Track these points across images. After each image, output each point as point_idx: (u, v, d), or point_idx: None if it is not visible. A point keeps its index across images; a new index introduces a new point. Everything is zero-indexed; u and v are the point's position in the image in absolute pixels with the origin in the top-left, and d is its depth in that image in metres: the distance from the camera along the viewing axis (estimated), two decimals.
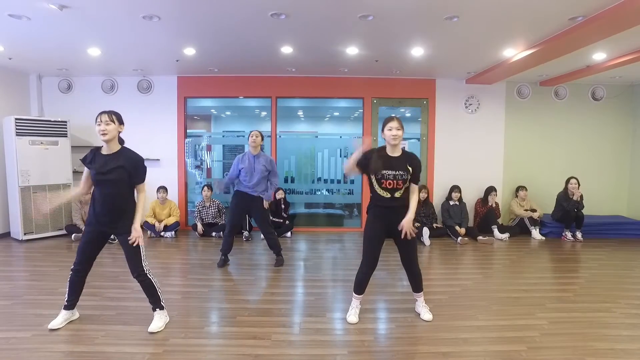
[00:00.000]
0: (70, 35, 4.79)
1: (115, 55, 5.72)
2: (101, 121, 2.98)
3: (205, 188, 6.95)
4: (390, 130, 3.16)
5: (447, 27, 4.45)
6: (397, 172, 3.16)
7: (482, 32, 4.66)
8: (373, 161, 3.15)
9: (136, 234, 2.98)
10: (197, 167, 8.60)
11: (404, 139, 7.58)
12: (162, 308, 3.14)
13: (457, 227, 6.70)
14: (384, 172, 3.15)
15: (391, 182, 3.16)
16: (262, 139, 5.01)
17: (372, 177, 3.21)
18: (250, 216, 5.39)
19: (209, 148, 9.43)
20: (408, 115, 10.61)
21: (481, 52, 5.43)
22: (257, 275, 4.65)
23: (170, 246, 6.14)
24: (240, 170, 4.91)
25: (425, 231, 6.36)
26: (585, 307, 3.64)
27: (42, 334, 3.02)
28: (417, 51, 5.36)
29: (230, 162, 9.44)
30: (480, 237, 6.48)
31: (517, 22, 4.32)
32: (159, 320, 3.11)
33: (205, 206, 6.94)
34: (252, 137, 4.94)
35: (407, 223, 3.18)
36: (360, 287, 3.41)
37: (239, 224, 5.23)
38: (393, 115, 3.26)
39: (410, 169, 3.19)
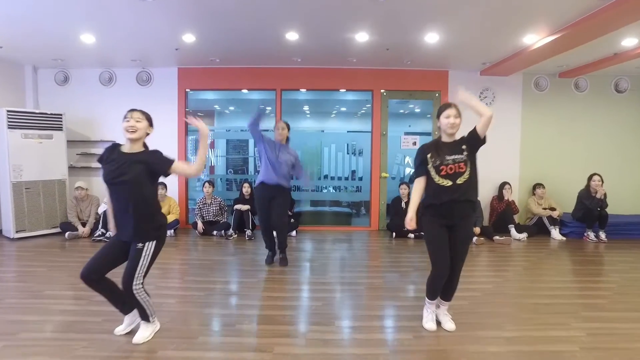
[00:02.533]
0: (61, 19, 4.48)
1: (110, 44, 5.41)
2: (132, 117, 2.69)
3: (207, 184, 6.63)
4: (447, 117, 2.85)
5: (464, 10, 4.09)
6: (457, 156, 2.83)
7: (501, 16, 4.31)
8: (432, 150, 2.88)
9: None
10: None
11: (415, 134, 7.23)
12: (149, 321, 2.79)
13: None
14: (445, 157, 2.83)
15: (452, 167, 2.81)
16: (289, 131, 4.74)
17: (430, 166, 2.86)
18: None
19: (212, 144, 9.14)
20: (417, 110, 10.29)
21: (499, 39, 5.06)
22: (259, 277, 4.31)
23: (169, 245, 5.80)
24: (261, 155, 4.60)
25: None
26: (625, 317, 3.26)
27: (15, 344, 2.69)
28: (432, 37, 5.00)
29: (234, 158, 9.20)
30: (496, 237, 6.10)
31: (540, 3, 3.96)
32: (145, 330, 2.77)
33: (206, 203, 6.61)
34: (278, 129, 4.65)
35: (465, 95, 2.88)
36: (434, 293, 3.04)
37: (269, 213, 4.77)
38: (450, 102, 2.94)
39: (466, 147, 2.85)
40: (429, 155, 2.89)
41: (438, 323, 3.06)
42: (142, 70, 6.84)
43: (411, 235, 6.32)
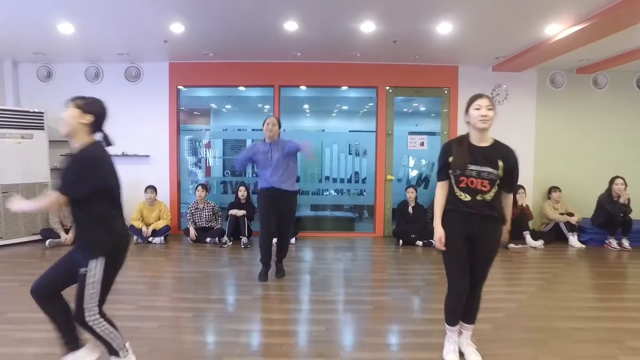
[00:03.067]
0: (34, 5, 4.03)
1: (92, 34, 4.96)
2: (67, 110, 2.23)
3: (200, 188, 6.18)
4: (478, 109, 2.38)
5: None
6: (483, 169, 2.37)
7: (523, 3, 3.87)
8: (455, 153, 2.43)
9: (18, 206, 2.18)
10: (196, 164, 7.86)
11: (422, 134, 6.79)
12: (119, 356, 2.31)
13: None
14: (468, 167, 2.38)
15: (474, 180, 2.37)
16: (280, 127, 4.32)
17: (451, 172, 2.44)
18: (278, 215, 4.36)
19: (208, 144, 8.68)
20: (422, 109, 9.84)
21: (518, 29, 4.62)
22: (254, 294, 3.87)
23: (158, 254, 5.38)
24: (255, 162, 4.26)
25: None
26: None
27: None
28: (444, 28, 4.56)
29: (231, 159, 8.75)
30: (511, 245, 5.65)
31: None
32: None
33: (198, 208, 6.17)
34: (267, 124, 4.19)
35: (503, 237, 2.50)
36: (453, 317, 2.59)
37: (273, 226, 4.29)
38: (482, 93, 2.50)
39: (502, 166, 2.38)
40: (451, 159, 2.45)
41: (461, 354, 2.62)
42: (130, 65, 6.39)
43: (419, 243, 5.88)
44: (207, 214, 6.17)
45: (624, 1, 3.70)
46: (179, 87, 6.51)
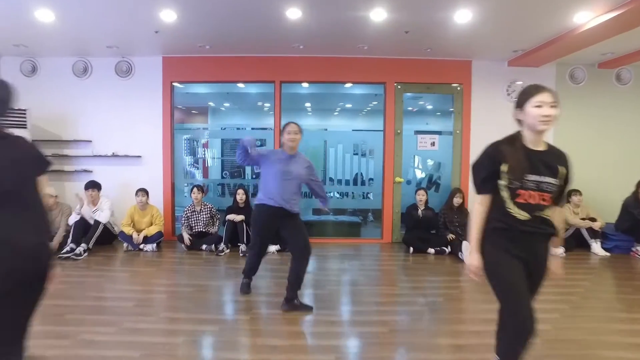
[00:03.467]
0: None
1: (75, 23, 4.53)
2: None
3: (195, 190, 5.76)
4: (539, 107, 1.92)
5: None
6: (544, 179, 1.95)
7: None
8: (511, 158, 1.95)
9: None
10: (192, 165, 7.45)
11: (433, 133, 6.37)
12: None
13: None
14: (525, 176, 1.93)
15: (533, 194, 1.94)
16: (301, 135, 3.59)
17: (504, 184, 1.97)
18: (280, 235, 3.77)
19: (205, 145, 8.24)
20: (429, 107, 9.43)
21: (543, 18, 4.20)
22: (252, 313, 3.45)
23: (149, 263, 4.96)
24: (268, 171, 3.53)
25: (465, 245, 5.12)
26: None
27: None
28: (463, 16, 4.14)
29: (230, 160, 8.34)
30: None
31: None
32: None
33: (195, 211, 5.75)
34: (288, 133, 3.45)
35: (556, 266, 2.08)
36: (514, 356, 2.02)
37: (268, 244, 3.90)
38: (541, 84, 2.00)
39: (563, 174, 2.00)
40: (504, 168, 1.97)
41: None
42: (121, 59, 5.96)
43: (431, 251, 5.46)
44: (204, 217, 5.75)
45: None
46: (173, 82, 6.08)
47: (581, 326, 3.21)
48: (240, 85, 6.89)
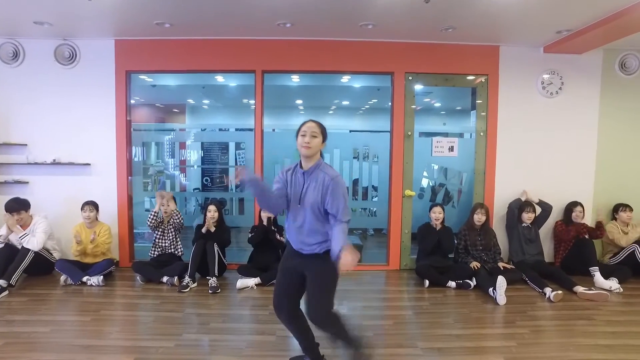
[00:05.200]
0: None
1: None
2: None
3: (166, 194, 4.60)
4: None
5: None
6: None
7: None
8: None
9: None
10: (159, 172, 6.27)
11: (451, 135, 5.22)
12: None
13: None
14: None
15: None
16: (325, 139, 2.41)
17: None
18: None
19: (182, 146, 6.96)
20: (437, 104, 8.35)
21: None
22: None
23: (88, 308, 3.73)
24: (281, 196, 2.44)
25: (502, 282, 3.97)
26: None
27: None
28: None
29: (210, 169, 7.10)
30: (581, 289, 4.10)
31: None
32: None
33: (162, 222, 4.60)
34: (302, 135, 2.36)
35: None
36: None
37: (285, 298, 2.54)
38: None
39: None
40: None
41: None
42: (62, 43, 4.75)
43: (452, 284, 4.33)
44: (170, 235, 4.60)
45: None
46: (129, 71, 4.88)
47: None
48: (219, 78, 5.71)
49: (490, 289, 4.03)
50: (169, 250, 4.62)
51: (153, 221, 4.52)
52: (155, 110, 8.75)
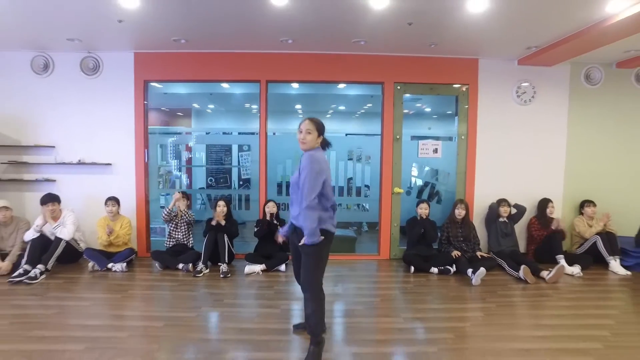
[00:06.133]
0: None
1: (28, 11, 3.87)
2: None
3: (178, 195, 5.14)
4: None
5: None
6: None
7: None
8: None
9: None
10: (173, 172, 6.82)
11: (435, 139, 5.80)
12: None
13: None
14: None
15: None
16: (321, 134, 2.87)
17: None
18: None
19: (187, 149, 7.58)
20: (428, 110, 8.90)
21: (567, 7, 3.64)
22: (232, 356, 2.83)
23: (116, 289, 4.28)
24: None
25: (482, 271, 4.54)
26: None
27: None
28: (477, 4, 3.56)
29: (216, 169, 7.68)
30: (546, 274, 4.67)
31: None
32: None
33: (176, 215, 5.15)
34: (299, 132, 2.86)
35: None
36: None
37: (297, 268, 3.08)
38: None
39: None
40: None
41: None
42: (87, 55, 5.31)
43: (434, 270, 4.89)
44: (183, 225, 5.16)
45: None
46: (146, 81, 5.44)
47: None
48: (225, 85, 6.28)
49: (469, 270, 4.60)
50: (182, 242, 5.17)
51: (166, 216, 5.07)
52: (162, 114, 9.31)
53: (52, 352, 2.90)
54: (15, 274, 4.39)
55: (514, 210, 5.37)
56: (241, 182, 6.96)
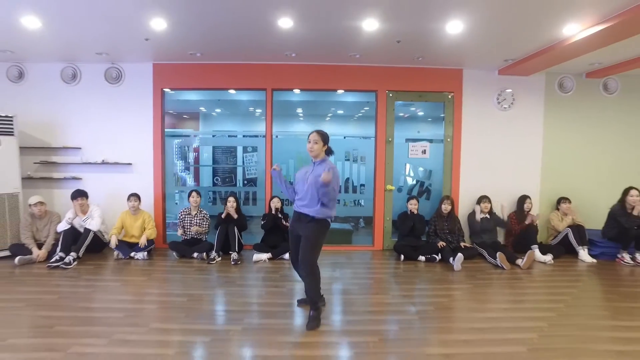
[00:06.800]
0: None
1: (63, 30, 4.49)
2: None
3: (194, 194, 5.79)
4: None
5: None
6: None
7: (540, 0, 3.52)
8: None
9: None
10: (182, 172, 7.43)
11: (424, 141, 6.41)
12: None
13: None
14: None
15: None
16: (326, 143, 3.52)
17: None
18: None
19: (196, 150, 8.21)
20: (421, 114, 9.50)
21: (532, 29, 4.26)
22: (244, 323, 3.43)
23: (140, 272, 4.89)
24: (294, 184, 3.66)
25: (460, 257, 5.14)
26: None
27: None
28: (454, 27, 4.18)
29: (221, 167, 8.30)
30: (519, 261, 5.27)
31: None
32: None
33: (190, 214, 5.75)
34: (308, 141, 3.53)
35: None
36: None
37: (293, 252, 3.66)
38: None
39: None
40: None
41: None
42: (111, 66, 5.92)
43: (422, 258, 5.48)
44: (198, 221, 5.75)
45: None
46: (163, 89, 6.05)
47: (569, 334, 3.25)
48: (231, 91, 6.88)
49: (451, 258, 5.20)
50: (196, 235, 5.75)
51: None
52: (171, 117, 9.89)
53: (98, 318, 3.49)
54: (52, 259, 4.98)
55: (498, 208, 5.93)
56: (245, 182, 7.55)
